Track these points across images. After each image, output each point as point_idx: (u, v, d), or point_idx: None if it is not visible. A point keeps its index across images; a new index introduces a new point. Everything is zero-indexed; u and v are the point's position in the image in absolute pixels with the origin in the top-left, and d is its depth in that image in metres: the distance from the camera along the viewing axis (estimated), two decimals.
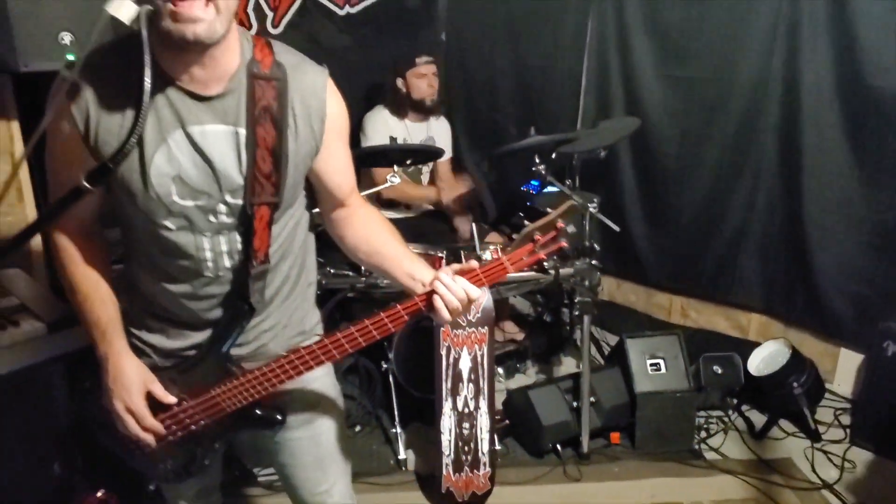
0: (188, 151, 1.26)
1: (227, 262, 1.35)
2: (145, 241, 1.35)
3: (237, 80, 1.26)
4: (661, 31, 3.40)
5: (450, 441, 2.48)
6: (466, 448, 2.48)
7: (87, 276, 1.38)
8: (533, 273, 2.57)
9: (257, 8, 3.45)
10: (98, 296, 1.38)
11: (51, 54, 1.87)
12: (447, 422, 2.47)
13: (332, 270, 2.64)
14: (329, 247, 1.62)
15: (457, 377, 2.45)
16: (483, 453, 2.50)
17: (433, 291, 1.30)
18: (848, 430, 2.90)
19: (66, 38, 1.88)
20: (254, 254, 1.33)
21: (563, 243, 1.33)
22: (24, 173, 2.33)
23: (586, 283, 2.57)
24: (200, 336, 1.43)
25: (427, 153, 3.10)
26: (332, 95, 1.37)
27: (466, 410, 2.48)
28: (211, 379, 1.40)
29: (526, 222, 1.23)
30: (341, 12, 3.80)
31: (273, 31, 3.51)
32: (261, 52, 1.29)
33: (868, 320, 2.93)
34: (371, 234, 1.49)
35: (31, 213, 2.34)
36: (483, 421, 2.49)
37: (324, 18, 3.73)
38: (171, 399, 1.39)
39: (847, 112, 2.90)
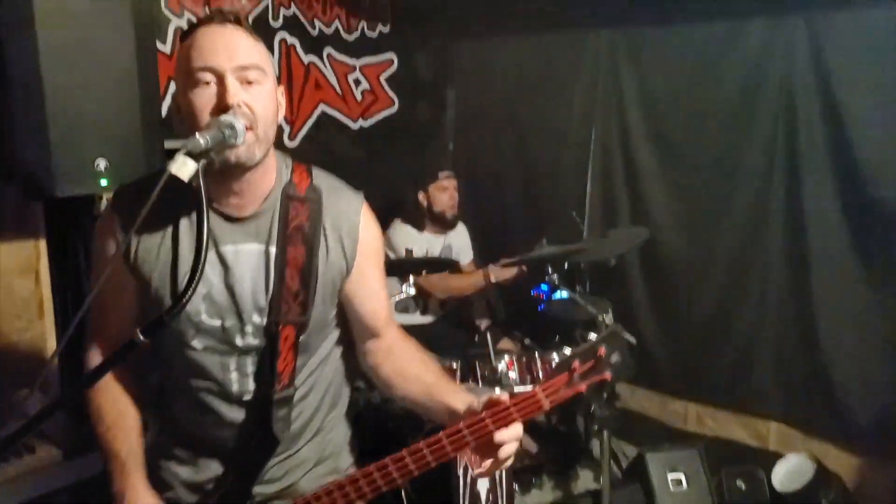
0: (219, 271, 1.28)
1: (253, 386, 1.34)
2: (174, 362, 1.35)
3: (271, 200, 1.30)
4: (663, 140, 3.52)
5: None
6: None
7: (114, 403, 1.37)
8: None
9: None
10: (123, 425, 1.36)
11: (86, 180, 1.93)
12: None
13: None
14: None
15: (474, 498, 2.38)
16: None
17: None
18: None
19: (102, 164, 1.95)
20: (277, 377, 1.31)
21: (607, 375, 1.23)
22: (46, 290, 2.36)
23: (604, 393, 2.54)
24: (227, 469, 1.39)
25: (441, 264, 3.14)
26: (367, 219, 1.39)
27: None
28: None
29: (566, 350, 1.15)
30: (355, 126, 3.96)
31: (289, 144, 3.64)
32: (299, 177, 1.34)
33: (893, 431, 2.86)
34: (406, 368, 1.43)
35: (50, 330, 2.35)
36: None
37: (338, 132, 3.88)
38: None
39: (851, 220, 2.94)
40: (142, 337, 1.04)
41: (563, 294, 3.05)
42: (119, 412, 1.37)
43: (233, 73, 1.19)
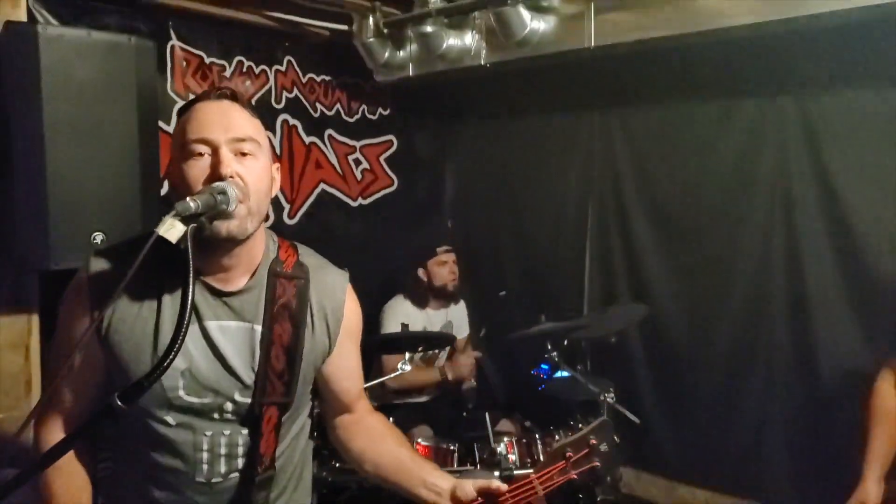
0: (202, 346, 1.25)
1: (224, 468, 1.28)
2: (136, 435, 1.28)
3: (258, 277, 1.29)
4: (660, 218, 3.54)
5: None
6: None
7: (68, 485, 1.30)
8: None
9: (275, 200, 3.62)
10: None
11: (82, 253, 1.91)
12: None
13: (337, 464, 2.52)
14: None
15: None
16: None
17: None
18: None
19: (98, 237, 1.95)
20: (259, 459, 1.26)
21: (596, 462, 1.30)
22: (36, 366, 2.31)
23: (608, 479, 2.44)
24: None
25: (439, 339, 3.10)
26: (351, 298, 1.39)
27: None
28: None
29: (557, 437, 1.20)
30: (354, 204, 4.01)
31: (289, 222, 3.66)
32: (285, 253, 1.33)
33: None
34: (378, 444, 1.42)
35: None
36: None
37: (337, 209, 3.92)
38: None
39: (852, 291, 2.92)
40: (119, 403, 1.00)
41: (564, 373, 2.99)
42: (72, 495, 1.30)
43: (227, 144, 1.20)
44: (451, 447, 2.59)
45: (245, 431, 1.28)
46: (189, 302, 1.05)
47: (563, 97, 3.81)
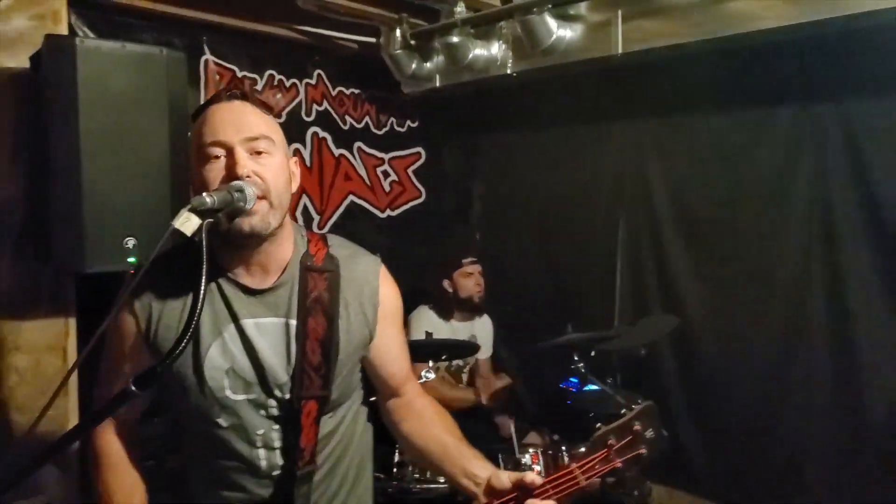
0: (240, 345, 1.27)
1: (281, 461, 1.30)
2: (199, 442, 1.33)
3: (289, 273, 1.30)
4: (693, 231, 3.46)
5: None
6: None
7: (122, 484, 1.35)
8: None
9: (305, 211, 3.67)
10: None
11: (115, 257, 1.97)
12: None
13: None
14: None
15: None
16: None
17: None
18: None
19: (130, 242, 1.99)
20: (300, 453, 1.27)
21: (642, 450, 1.21)
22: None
23: (635, 493, 2.40)
24: None
25: (462, 348, 3.09)
26: (386, 281, 1.38)
27: None
28: None
29: (598, 425, 1.14)
30: (382, 215, 4.04)
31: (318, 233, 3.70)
32: (315, 247, 1.34)
33: None
34: (427, 427, 1.40)
35: (73, 409, 2.34)
36: None
37: (366, 221, 3.96)
38: None
39: None
40: (134, 388, 1.02)
41: (593, 386, 2.95)
42: (126, 493, 1.34)
43: (241, 144, 1.22)
44: None
45: (289, 426, 1.29)
46: (201, 293, 1.06)
47: (593, 108, 3.77)
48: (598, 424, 1.24)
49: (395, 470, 2.49)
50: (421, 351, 2.82)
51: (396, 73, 3.49)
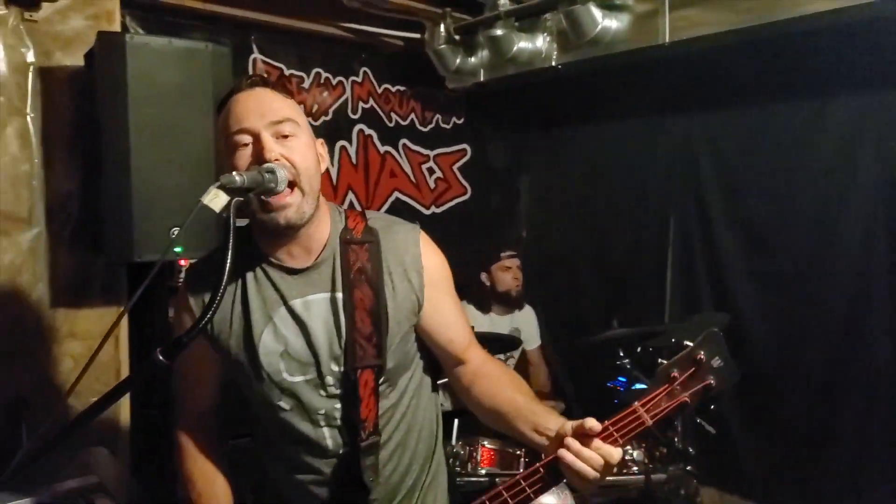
0: (292, 325, 1.29)
1: (347, 436, 1.31)
2: (268, 427, 1.36)
3: (330, 248, 1.31)
4: (747, 225, 3.34)
5: None
6: None
7: (203, 471, 1.39)
8: (620, 478, 2.36)
9: (350, 207, 3.70)
10: (213, 492, 1.38)
11: (162, 247, 2.03)
12: None
13: None
14: None
15: None
16: None
17: (558, 459, 1.12)
18: None
19: (176, 231, 2.04)
20: (361, 424, 1.27)
21: (710, 380, 1.11)
22: (124, 355, 2.45)
23: (682, 491, 2.33)
24: None
25: (504, 342, 3.07)
26: (428, 248, 1.37)
27: None
28: None
29: (660, 360, 1.06)
30: (427, 212, 4.05)
31: None
32: (353, 221, 1.35)
33: None
34: (497, 387, 1.36)
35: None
36: None
37: (411, 217, 3.91)
38: None
39: None
40: (161, 357, 1.04)
41: (641, 385, 2.89)
42: (208, 480, 1.38)
43: (267, 129, 1.23)
44: (518, 452, 2.54)
45: (349, 399, 1.30)
46: (227, 267, 1.07)
47: (641, 102, 3.70)
48: (660, 360, 1.13)
49: None
50: None
51: (441, 68, 3.49)
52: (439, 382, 1.52)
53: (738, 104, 3.36)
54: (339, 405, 1.30)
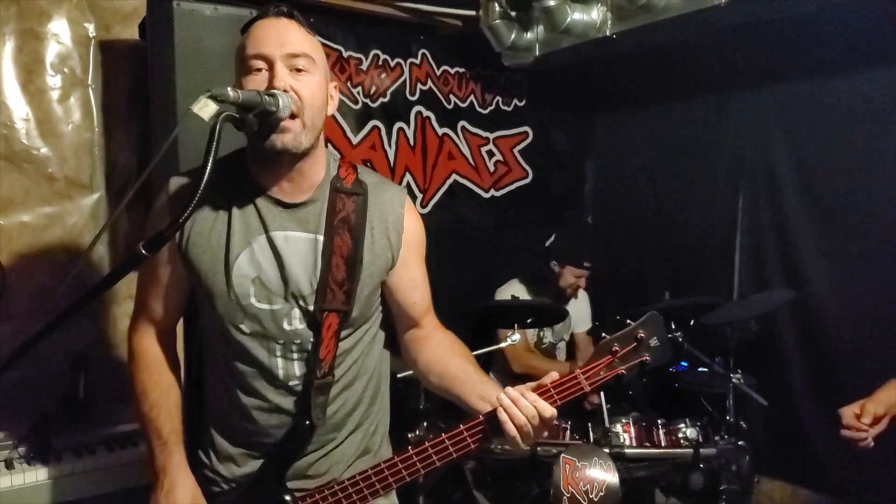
0: (269, 255, 1.30)
1: (299, 371, 1.33)
2: (222, 348, 1.37)
3: (321, 191, 1.33)
4: (821, 205, 3.17)
5: None
6: None
7: (157, 383, 1.41)
8: (668, 450, 2.25)
9: (408, 189, 3.73)
10: (165, 404, 1.39)
11: None
12: None
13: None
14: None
15: None
16: None
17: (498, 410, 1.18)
18: None
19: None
20: (318, 364, 1.29)
21: (646, 357, 1.22)
22: None
23: (733, 467, 2.20)
24: (265, 460, 1.37)
25: (548, 313, 3.00)
26: (410, 212, 1.40)
27: None
28: None
29: (603, 334, 1.11)
30: (486, 195, 4.00)
31: (421, 211, 3.74)
32: (345, 171, 1.37)
33: None
34: (444, 356, 1.42)
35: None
36: None
37: (469, 200, 3.94)
38: None
39: None
40: (144, 251, 1.07)
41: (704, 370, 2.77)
42: (161, 391, 1.40)
43: (282, 60, 1.25)
44: (564, 424, 2.47)
45: (310, 337, 1.32)
46: (204, 180, 1.09)
47: (709, 77, 3.56)
48: (603, 334, 1.26)
49: None
50: (507, 315, 2.77)
51: (496, 44, 3.46)
52: None
53: (812, 75, 3.18)
54: (298, 341, 1.32)
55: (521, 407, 1.18)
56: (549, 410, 1.20)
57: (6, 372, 1.11)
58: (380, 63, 3.62)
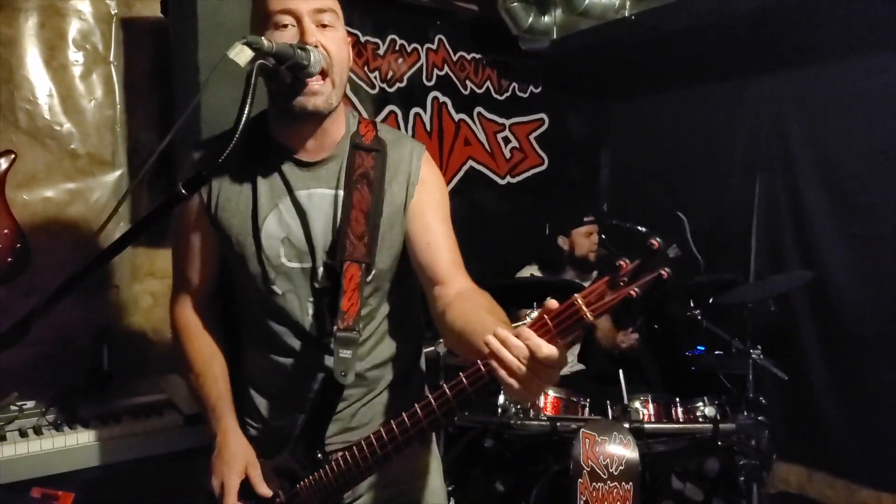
0: (295, 215, 1.32)
1: (327, 326, 1.33)
2: (255, 309, 1.38)
3: (340, 148, 1.34)
4: (838, 188, 3.16)
5: None
6: None
7: (201, 352, 1.42)
8: (687, 425, 2.25)
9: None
10: (211, 373, 1.40)
11: None
12: None
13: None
14: None
15: None
16: None
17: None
18: None
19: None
20: (341, 315, 1.28)
21: (664, 271, 0.91)
22: None
23: (752, 442, 2.19)
24: (306, 416, 1.37)
25: (569, 291, 2.99)
26: (428, 164, 1.39)
27: None
28: (304, 472, 1.33)
29: (602, 236, 0.96)
30: (502, 182, 4.01)
31: None
32: (365, 128, 1.38)
33: None
34: (471, 310, 1.26)
35: None
36: None
37: (485, 186, 3.94)
38: (264, 490, 1.32)
39: None
40: (184, 190, 1.08)
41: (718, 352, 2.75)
42: (204, 360, 1.42)
43: (309, 15, 1.24)
44: (583, 402, 2.47)
45: (334, 290, 1.31)
46: (242, 120, 1.09)
47: (725, 62, 3.54)
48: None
49: (499, 410, 2.47)
50: (526, 294, 2.77)
51: (513, 27, 3.46)
52: None
53: (830, 58, 3.17)
54: (326, 298, 1.32)
55: (511, 346, 0.99)
56: (545, 348, 0.96)
57: (29, 347, 1.12)
58: (397, 48, 3.62)
